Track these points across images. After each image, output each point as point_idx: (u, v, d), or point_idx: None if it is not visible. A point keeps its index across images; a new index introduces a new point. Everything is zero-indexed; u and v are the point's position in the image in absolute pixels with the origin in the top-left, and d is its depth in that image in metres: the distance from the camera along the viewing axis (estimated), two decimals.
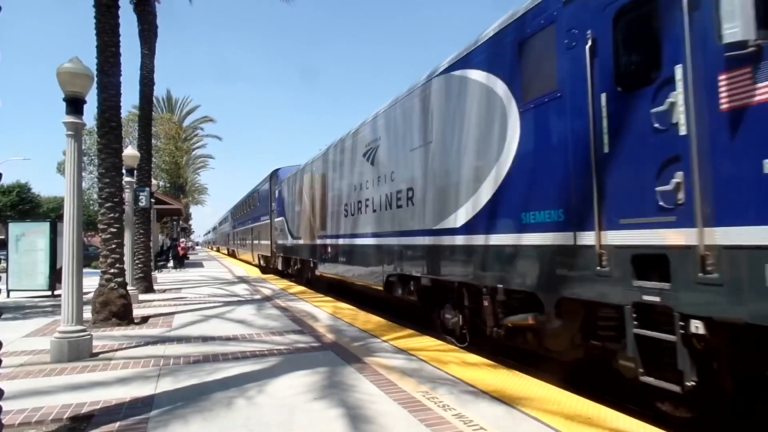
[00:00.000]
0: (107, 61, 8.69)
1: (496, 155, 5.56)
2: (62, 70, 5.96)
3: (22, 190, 43.99)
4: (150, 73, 14.23)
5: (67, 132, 6.06)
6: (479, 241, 5.84)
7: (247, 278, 18.11)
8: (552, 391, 4.26)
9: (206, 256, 48.28)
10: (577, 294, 4.45)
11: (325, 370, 5.06)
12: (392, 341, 6.41)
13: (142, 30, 13.94)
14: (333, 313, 8.96)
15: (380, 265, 8.82)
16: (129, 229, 11.03)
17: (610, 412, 3.75)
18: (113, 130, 8.79)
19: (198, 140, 55.30)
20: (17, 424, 3.78)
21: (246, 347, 6.31)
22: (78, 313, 6.01)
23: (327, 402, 4.09)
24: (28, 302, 11.84)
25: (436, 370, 4.99)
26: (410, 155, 7.67)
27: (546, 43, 4.92)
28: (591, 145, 4.26)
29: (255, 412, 3.89)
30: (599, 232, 4.17)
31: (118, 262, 8.50)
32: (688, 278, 3.47)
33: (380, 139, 8.99)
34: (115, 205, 8.55)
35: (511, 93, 5.40)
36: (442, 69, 6.88)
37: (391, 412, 3.81)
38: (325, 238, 12.48)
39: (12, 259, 12.96)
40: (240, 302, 11.04)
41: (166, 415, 3.86)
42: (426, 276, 7.18)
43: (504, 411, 3.79)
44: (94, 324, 7.96)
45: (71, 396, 4.42)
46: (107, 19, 8.71)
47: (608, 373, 4.58)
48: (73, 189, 6.02)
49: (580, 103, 4.43)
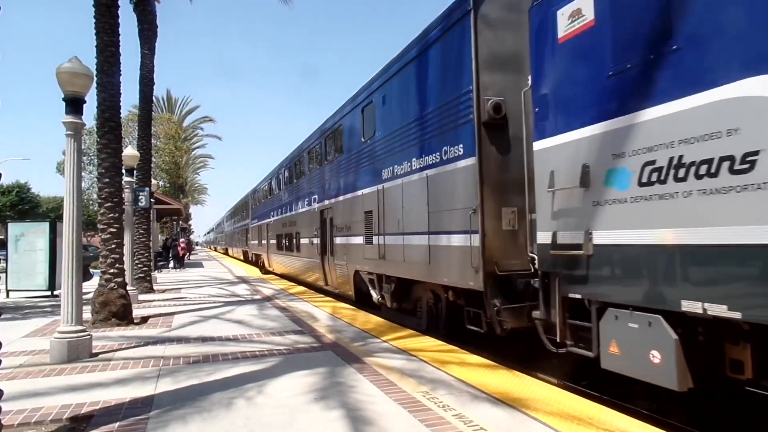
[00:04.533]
0: (107, 61, 8.69)
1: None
2: (62, 70, 5.96)
3: (21, 190, 44.05)
4: (150, 72, 14.23)
5: (67, 132, 6.05)
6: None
7: (247, 278, 18.11)
8: (552, 392, 4.26)
9: (206, 256, 48.26)
10: None
11: (325, 371, 5.06)
12: (392, 341, 6.40)
13: (142, 30, 13.94)
14: (332, 313, 8.96)
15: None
16: (129, 229, 11.02)
17: (610, 412, 3.75)
18: (113, 130, 8.79)
19: (198, 140, 55.38)
20: (17, 424, 3.77)
21: (246, 347, 6.30)
22: (78, 313, 6.00)
23: (327, 402, 4.08)
24: (27, 302, 11.83)
25: (437, 370, 4.98)
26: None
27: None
28: None
29: (255, 413, 3.88)
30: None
31: (118, 262, 8.49)
32: None
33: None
34: (115, 205, 8.55)
35: None
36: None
37: (391, 413, 3.80)
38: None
39: (11, 259, 12.95)
40: (240, 302, 11.03)
41: (165, 416, 3.85)
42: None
43: (504, 411, 3.79)
44: (94, 324, 7.95)
45: (71, 396, 4.41)
46: (107, 19, 8.70)
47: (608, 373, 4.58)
48: (73, 189, 6.02)
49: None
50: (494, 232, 5.65)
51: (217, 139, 73.79)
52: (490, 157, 5.71)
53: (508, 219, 5.71)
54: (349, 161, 10.47)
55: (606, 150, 4.00)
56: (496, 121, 5.70)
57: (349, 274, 10.47)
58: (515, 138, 5.72)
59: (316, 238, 13.01)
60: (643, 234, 3.69)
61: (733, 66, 3.11)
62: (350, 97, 10.49)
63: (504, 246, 5.66)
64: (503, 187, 5.72)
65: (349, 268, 10.46)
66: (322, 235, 12.54)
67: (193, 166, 59.48)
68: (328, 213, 12.02)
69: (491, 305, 5.58)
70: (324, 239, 12.44)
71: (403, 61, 7.80)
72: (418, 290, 8.01)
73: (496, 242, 5.64)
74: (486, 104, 5.68)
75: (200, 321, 8.55)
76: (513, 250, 5.65)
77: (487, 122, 5.69)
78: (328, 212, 12.09)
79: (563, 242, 4.45)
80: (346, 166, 10.69)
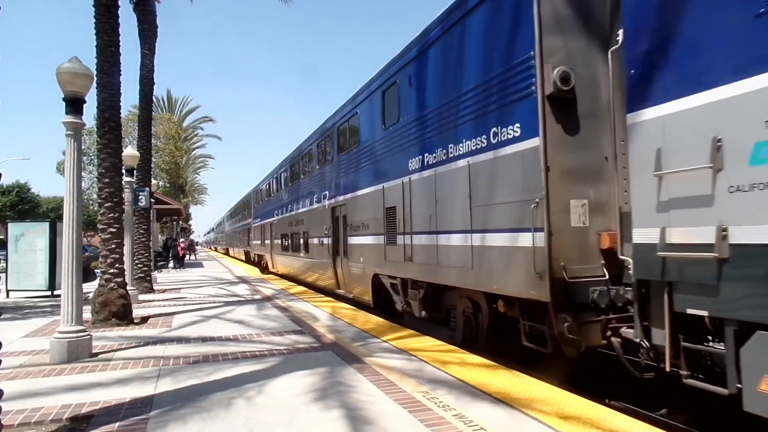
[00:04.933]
0: (107, 61, 8.69)
1: None
2: (62, 70, 5.96)
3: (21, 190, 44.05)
4: (150, 72, 14.23)
5: (67, 132, 6.05)
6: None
7: (247, 278, 18.10)
8: (552, 392, 4.25)
9: (206, 256, 48.26)
10: None
11: (325, 371, 5.06)
12: (392, 341, 6.40)
13: (142, 30, 13.94)
14: (333, 313, 8.96)
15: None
16: (129, 229, 11.02)
17: (610, 412, 3.74)
18: (113, 130, 8.79)
19: (198, 140, 55.37)
20: (17, 424, 3.77)
21: (246, 347, 6.30)
22: (78, 313, 6.00)
23: (327, 402, 4.08)
24: (27, 302, 11.83)
25: (437, 370, 4.98)
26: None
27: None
28: None
29: (254, 413, 3.88)
30: None
31: (118, 262, 8.49)
32: None
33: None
34: (115, 205, 8.55)
35: None
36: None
37: (391, 413, 3.80)
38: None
39: (11, 259, 12.96)
40: (240, 302, 11.03)
41: (165, 416, 3.85)
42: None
43: (504, 411, 3.79)
44: (94, 324, 7.95)
45: (71, 396, 4.42)
46: (107, 19, 8.71)
47: (608, 373, 4.58)
48: (73, 189, 6.02)
49: None
50: (562, 230, 4.75)
51: (217, 139, 73.79)
52: (555, 138, 4.80)
53: (578, 213, 4.83)
54: (366, 152, 9.40)
55: (754, 116, 3.04)
56: (563, 94, 4.76)
57: (366, 277, 9.51)
58: (585, 115, 4.91)
59: (327, 237, 12.08)
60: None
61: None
62: (367, 82, 9.44)
63: (573, 246, 4.78)
64: (572, 175, 4.84)
65: (366, 271, 9.51)
66: (334, 234, 11.64)
67: (193, 166, 59.49)
68: (341, 210, 11.09)
69: (560, 320, 4.67)
70: (336, 239, 11.55)
71: (437, 31, 6.70)
72: (451, 297, 7.05)
73: (565, 242, 4.74)
74: (552, 73, 4.74)
75: (200, 321, 8.55)
76: (583, 252, 4.81)
77: (553, 95, 4.76)
78: (340, 209, 11.14)
79: (679, 242, 3.52)
80: (363, 157, 9.61)
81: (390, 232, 8.24)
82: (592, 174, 4.83)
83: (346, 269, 10.82)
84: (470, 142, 5.91)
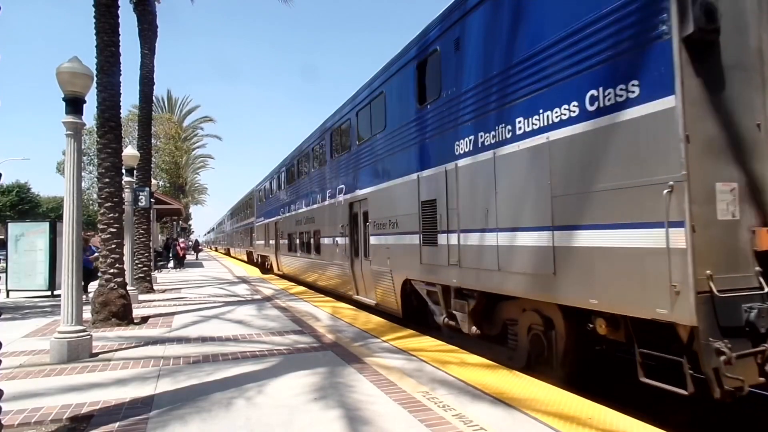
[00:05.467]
0: (107, 61, 8.70)
1: None
2: (62, 70, 5.96)
3: (21, 190, 44.08)
4: (150, 72, 14.24)
5: (67, 132, 6.06)
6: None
7: (247, 278, 18.10)
8: (552, 392, 4.26)
9: (206, 256, 48.26)
10: None
11: (325, 371, 5.06)
12: (392, 341, 6.40)
13: (142, 30, 13.95)
14: (333, 313, 8.96)
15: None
16: (129, 229, 11.03)
17: (610, 412, 3.75)
18: (113, 130, 8.79)
19: (198, 140, 55.36)
20: (17, 424, 3.78)
21: (246, 348, 6.30)
22: (78, 313, 6.00)
23: (327, 402, 4.08)
24: (27, 302, 11.84)
25: (437, 370, 4.98)
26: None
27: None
28: None
29: (254, 413, 3.89)
30: None
31: (118, 262, 8.50)
32: None
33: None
34: (115, 205, 8.55)
35: None
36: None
37: (391, 413, 3.80)
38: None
39: (11, 259, 12.97)
40: (240, 302, 11.03)
41: (165, 416, 3.85)
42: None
43: (504, 411, 3.79)
44: (94, 324, 7.95)
45: (71, 396, 4.42)
46: (107, 19, 8.71)
47: (608, 373, 4.58)
48: (73, 189, 6.02)
49: None
50: (707, 225, 3.51)
51: (217, 139, 73.86)
52: (696, 98, 3.55)
53: (725, 202, 3.58)
54: (395, 138, 8.09)
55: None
56: (706, 36, 3.53)
57: (394, 283, 8.22)
58: (731, 66, 3.69)
59: (343, 237, 10.74)
60: None
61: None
62: (394, 56, 8.24)
63: (721, 248, 3.57)
64: (718, 149, 3.61)
65: (394, 277, 8.19)
66: (352, 233, 10.32)
67: (193, 166, 59.46)
68: (361, 206, 9.80)
69: (712, 351, 3.41)
70: (354, 239, 10.24)
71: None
72: (508, 310, 5.85)
73: (711, 241, 3.51)
74: (693, 6, 3.49)
75: (200, 321, 8.55)
76: (733, 255, 3.60)
77: (693, 37, 3.49)
78: (360, 205, 9.86)
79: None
80: (389, 144, 8.31)
81: (427, 231, 7.01)
82: (742, 148, 3.62)
83: (367, 273, 9.51)
84: (551, 113, 4.64)
